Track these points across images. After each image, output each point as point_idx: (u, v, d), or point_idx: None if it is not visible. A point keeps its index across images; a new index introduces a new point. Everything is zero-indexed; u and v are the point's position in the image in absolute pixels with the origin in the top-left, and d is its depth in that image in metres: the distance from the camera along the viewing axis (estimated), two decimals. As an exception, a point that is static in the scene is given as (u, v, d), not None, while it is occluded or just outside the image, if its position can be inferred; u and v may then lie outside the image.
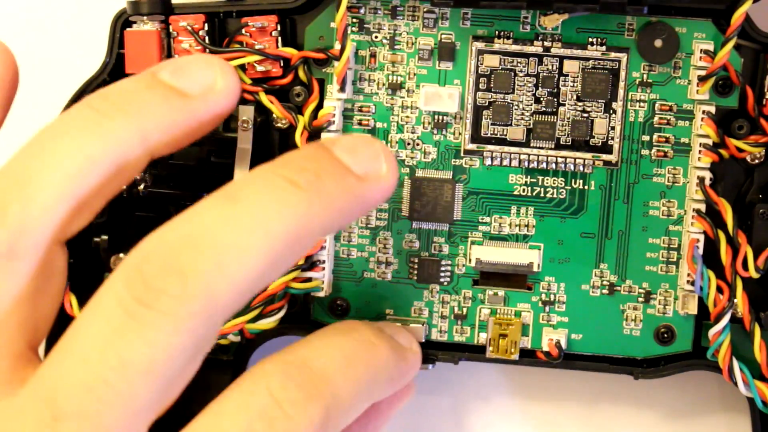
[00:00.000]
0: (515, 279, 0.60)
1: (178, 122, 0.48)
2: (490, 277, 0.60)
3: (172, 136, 0.48)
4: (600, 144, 0.59)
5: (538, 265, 0.60)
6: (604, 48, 0.59)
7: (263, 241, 0.44)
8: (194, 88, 0.48)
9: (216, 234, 0.43)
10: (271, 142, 0.60)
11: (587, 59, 0.59)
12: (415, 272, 0.60)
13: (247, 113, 0.58)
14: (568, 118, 0.59)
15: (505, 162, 0.59)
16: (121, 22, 0.59)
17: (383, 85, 0.60)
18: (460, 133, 0.60)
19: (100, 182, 0.46)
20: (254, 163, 0.58)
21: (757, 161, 0.59)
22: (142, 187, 0.59)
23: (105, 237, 0.60)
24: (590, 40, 0.59)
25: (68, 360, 0.43)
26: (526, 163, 0.59)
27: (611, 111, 0.59)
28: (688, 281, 0.59)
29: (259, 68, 0.59)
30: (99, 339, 0.42)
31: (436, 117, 0.60)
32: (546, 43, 0.59)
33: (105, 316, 0.43)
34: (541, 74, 0.59)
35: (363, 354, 0.52)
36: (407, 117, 0.60)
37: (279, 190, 0.45)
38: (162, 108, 0.48)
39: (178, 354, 0.43)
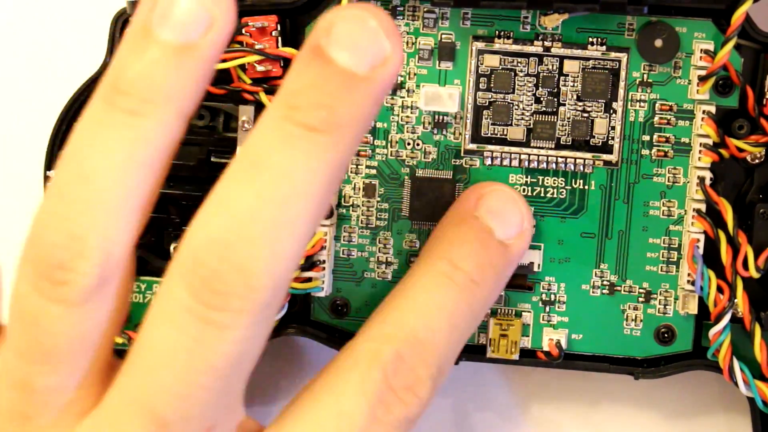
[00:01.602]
0: (515, 279, 0.60)
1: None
2: (490, 277, 0.60)
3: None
4: (600, 144, 0.59)
5: (539, 265, 0.60)
6: (604, 48, 0.59)
7: (306, 204, 0.43)
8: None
9: (261, 216, 0.42)
10: (271, 142, 0.60)
11: (587, 59, 0.59)
12: (415, 272, 0.60)
13: (247, 113, 0.58)
14: (569, 118, 0.59)
15: (506, 162, 0.59)
16: (121, 22, 0.59)
17: (383, 85, 0.60)
18: (460, 133, 0.60)
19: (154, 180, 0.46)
20: (254, 163, 0.58)
21: (757, 161, 0.59)
22: (142, 187, 0.59)
23: (105, 237, 0.60)
24: (590, 40, 0.59)
25: (155, 373, 0.43)
26: (526, 163, 0.59)
27: (611, 111, 0.59)
28: (688, 281, 0.59)
29: (259, 68, 0.59)
30: (181, 349, 0.43)
31: (436, 117, 0.60)
32: (546, 43, 0.59)
33: (178, 326, 0.43)
34: (541, 74, 0.59)
35: (466, 307, 0.51)
36: (407, 117, 0.60)
37: (299, 141, 0.43)
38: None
39: (261, 342, 0.44)
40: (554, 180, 0.60)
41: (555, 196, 0.60)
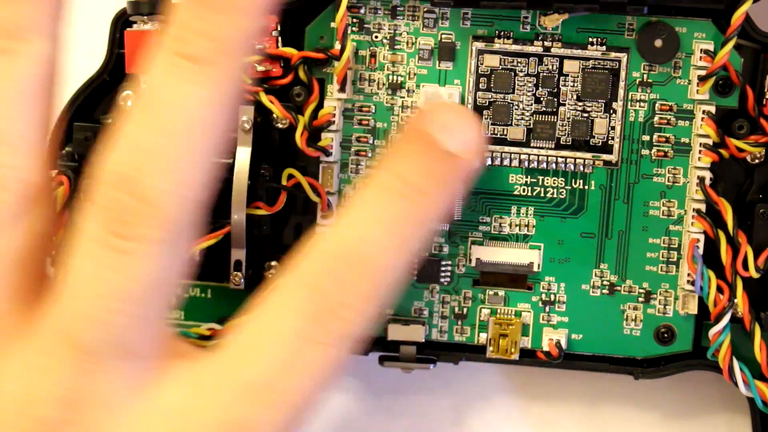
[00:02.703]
0: (515, 279, 0.60)
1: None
2: (490, 277, 0.60)
3: None
4: (600, 144, 0.59)
5: (538, 265, 0.60)
6: (604, 48, 0.59)
7: (199, 132, 0.45)
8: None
9: (159, 149, 0.45)
10: (271, 142, 0.60)
11: (587, 59, 0.59)
12: (415, 272, 0.60)
13: (247, 113, 0.58)
14: (568, 118, 0.59)
15: (506, 162, 0.59)
16: (121, 22, 0.59)
17: (383, 85, 0.60)
18: (460, 133, 0.60)
19: None
20: (254, 162, 0.58)
21: (757, 161, 0.59)
22: (142, 187, 0.59)
23: (105, 237, 0.60)
24: (590, 40, 0.59)
25: (75, 303, 0.45)
26: (526, 163, 0.59)
27: (611, 111, 0.59)
28: (688, 281, 0.59)
29: (259, 68, 0.59)
30: (97, 278, 0.45)
31: (436, 117, 0.60)
32: (546, 43, 0.59)
33: (94, 257, 0.45)
34: (541, 74, 0.59)
35: (411, 218, 0.49)
36: (408, 117, 0.60)
37: (188, 74, 0.45)
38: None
39: (175, 268, 0.46)
40: (554, 180, 0.60)
41: (555, 196, 0.60)
